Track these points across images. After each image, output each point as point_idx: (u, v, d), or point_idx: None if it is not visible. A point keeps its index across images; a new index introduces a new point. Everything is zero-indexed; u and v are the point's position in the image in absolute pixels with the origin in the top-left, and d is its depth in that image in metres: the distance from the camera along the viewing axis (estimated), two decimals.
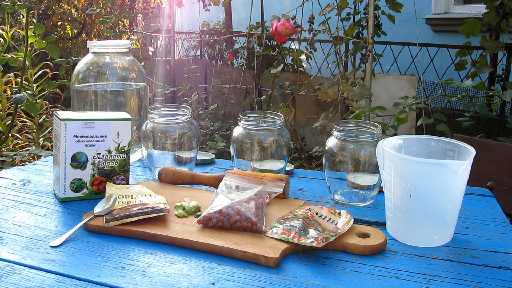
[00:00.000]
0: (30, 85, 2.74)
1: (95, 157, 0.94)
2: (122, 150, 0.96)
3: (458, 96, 1.95)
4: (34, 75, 2.81)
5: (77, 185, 0.93)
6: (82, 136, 0.92)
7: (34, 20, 3.09)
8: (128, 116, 0.96)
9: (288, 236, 0.75)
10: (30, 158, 2.48)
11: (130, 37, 4.72)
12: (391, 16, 2.39)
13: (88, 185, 0.94)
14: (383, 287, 0.66)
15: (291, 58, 3.31)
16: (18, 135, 2.90)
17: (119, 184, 0.96)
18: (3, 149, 2.61)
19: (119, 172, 0.96)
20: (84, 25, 4.80)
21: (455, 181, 0.74)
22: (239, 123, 1.05)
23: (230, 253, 0.73)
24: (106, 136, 0.94)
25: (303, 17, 2.53)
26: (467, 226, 0.86)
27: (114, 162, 0.95)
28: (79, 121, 0.91)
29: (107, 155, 0.94)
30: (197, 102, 3.49)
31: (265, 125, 1.03)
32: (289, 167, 1.14)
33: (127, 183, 0.97)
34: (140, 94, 1.21)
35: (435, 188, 0.75)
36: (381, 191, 0.96)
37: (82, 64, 1.18)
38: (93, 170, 0.94)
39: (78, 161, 0.92)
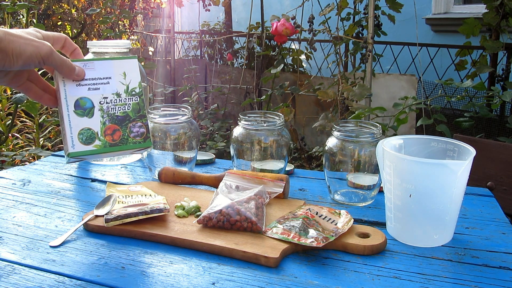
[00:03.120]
0: None
1: (102, 102, 0.80)
2: (133, 93, 0.82)
3: (458, 96, 1.95)
4: None
5: (87, 136, 0.78)
6: (82, 79, 0.79)
7: (34, 20, 3.09)
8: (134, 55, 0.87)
9: (288, 236, 0.75)
10: (30, 158, 2.49)
11: (130, 37, 4.72)
12: (391, 16, 2.39)
13: (100, 135, 0.79)
14: (383, 287, 0.66)
15: (291, 58, 3.31)
16: (18, 135, 2.90)
17: (136, 132, 0.83)
18: (3, 149, 2.61)
19: (134, 118, 0.82)
20: (84, 25, 4.80)
21: (455, 181, 0.74)
22: (239, 123, 1.05)
23: (230, 253, 0.73)
24: (110, 78, 0.81)
25: (303, 17, 2.53)
26: (467, 226, 0.86)
27: (127, 107, 0.82)
28: (77, 61, 0.80)
29: (116, 99, 0.81)
30: (197, 102, 3.49)
31: (265, 125, 1.03)
32: (289, 167, 1.14)
33: (147, 132, 0.83)
34: None
35: (435, 188, 0.75)
36: (381, 191, 0.96)
37: None
38: (102, 117, 0.80)
39: (82, 108, 0.79)
